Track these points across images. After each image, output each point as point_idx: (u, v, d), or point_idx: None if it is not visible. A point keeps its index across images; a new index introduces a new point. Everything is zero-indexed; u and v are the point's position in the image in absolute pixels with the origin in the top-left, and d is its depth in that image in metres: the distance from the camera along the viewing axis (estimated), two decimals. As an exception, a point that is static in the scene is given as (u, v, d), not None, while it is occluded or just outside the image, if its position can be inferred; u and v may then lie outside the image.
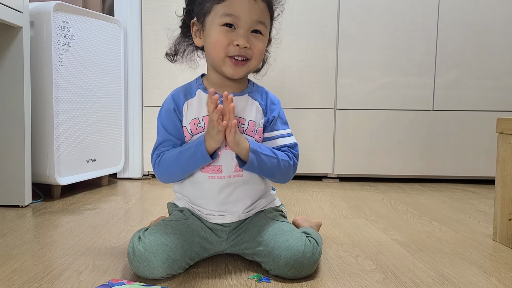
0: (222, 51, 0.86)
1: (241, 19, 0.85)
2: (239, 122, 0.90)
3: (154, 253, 0.82)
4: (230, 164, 0.89)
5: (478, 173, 2.05)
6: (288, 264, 0.82)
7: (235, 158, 0.88)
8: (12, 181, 1.42)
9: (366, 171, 2.07)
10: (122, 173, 2.05)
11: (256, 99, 0.94)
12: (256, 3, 0.86)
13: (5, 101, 1.41)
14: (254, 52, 0.87)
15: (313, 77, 2.03)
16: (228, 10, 0.85)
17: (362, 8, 2.01)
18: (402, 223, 1.32)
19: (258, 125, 0.92)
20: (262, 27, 0.88)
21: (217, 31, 0.86)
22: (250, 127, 0.91)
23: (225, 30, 0.85)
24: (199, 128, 0.90)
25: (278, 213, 0.95)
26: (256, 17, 0.86)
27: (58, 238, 1.12)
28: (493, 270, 0.93)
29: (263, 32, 0.88)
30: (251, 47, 0.86)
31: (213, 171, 0.89)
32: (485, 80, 2.03)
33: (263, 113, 0.93)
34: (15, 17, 1.35)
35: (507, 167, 1.11)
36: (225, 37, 0.85)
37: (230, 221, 0.93)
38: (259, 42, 0.88)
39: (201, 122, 0.90)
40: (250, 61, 0.88)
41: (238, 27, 0.85)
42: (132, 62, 2.01)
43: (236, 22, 0.85)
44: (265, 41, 0.90)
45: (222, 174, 0.89)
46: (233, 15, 0.84)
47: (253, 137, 0.91)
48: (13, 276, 0.85)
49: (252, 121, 0.92)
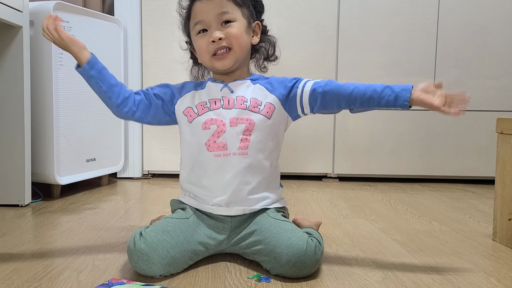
0: (206, 54, 0.96)
1: (206, 20, 0.94)
2: (241, 100, 0.95)
3: (154, 248, 0.83)
4: (235, 141, 0.93)
5: (478, 173, 2.05)
6: (290, 263, 0.83)
7: None
8: (12, 181, 1.42)
9: (366, 171, 2.07)
10: (122, 172, 2.05)
11: (258, 82, 0.99)
12: (212, 2, 0.94)
13: (5, 100, 1.41)
14: (231, 39, 0.94)
15: (313, 77, 2.02)
16: (195, 19, 0.96)
17: (362, 8, 2.01)
18: (402, 223, 1.32)
19: (265, 102, 0.96)
20: (228, 15, 0.94)
21: (197, 40, 0.97)
22: (253, 104, 0.95)
23: (201, 36, 0.96)
24: (204, 108, 0.96)
25: (279, 214, 0.96)
26: (216, 11, 0.93)
27: (58, 238, 1.12)
28: (493, 270, 0.93)
29: (232, 18, 0.94)
30: (226, 36, 0.93)
31: (219, 148, 0.92)
32: (485, 80, 2.03)
33: (269, 91, 0.97)
34: (15, 16, 1.35)
35: (507, 167, 1.11)
36: (203, 41, 0.95)
37: (235, 214, 0.93)
38: (231, 28, 0.94)
39: (208, 103, 0.96)
40: (232, 49, 0.95)
41: (209, 28, 0.95)
42: (132, 61, 2.01)
43: (206, 25, 0.95)
44: (239, 26, 0.95)
45: (227, 151, 0.92)
46: (199, 21, 0.95)
47: (258, 113, 0.94)
48: (13, 275, 0.85)
49: (254, 99, 0.95)
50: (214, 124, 0.93)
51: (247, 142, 0.92)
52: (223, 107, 0.94)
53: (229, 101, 0.95)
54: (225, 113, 0.94)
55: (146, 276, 0.84)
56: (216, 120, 0.93)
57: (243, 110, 0.94)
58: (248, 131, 0.93)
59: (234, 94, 0.96)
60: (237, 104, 0.94)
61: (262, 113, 0.94)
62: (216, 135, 0.93)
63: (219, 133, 0.93)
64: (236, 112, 0.93)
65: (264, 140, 0.94)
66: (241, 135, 0.92)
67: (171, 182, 1.98)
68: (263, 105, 0.95)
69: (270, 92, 0.97)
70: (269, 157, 0.96)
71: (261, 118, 0.94)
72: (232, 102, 0.95)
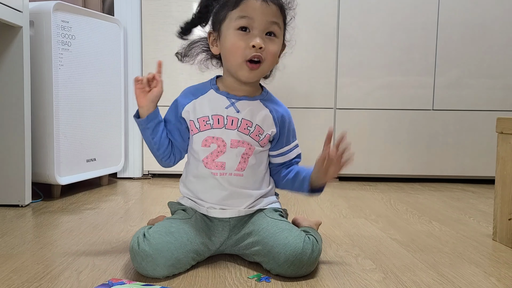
0: (240, 55, 0.88)
1: (255, 20, 0.87)
2: (246, 124, 0.93)
3: (159, 250, 0.83)
4: (234, 162, 0.93)
5: (477, 172, 2.05)
6: (288, 261, 0.83)
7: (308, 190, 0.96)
8: (12, 181, 1.42)
9: (366, 170, 2.07)
10: (122, 172, 2.05)
11: (267, 107, 0.96)
12: (269, 6, 0.87)
13: (5, 100, 1.41)
14: (267, 54, 0.88)
15: (313, 77, 2.04)
16: (242, 13, 0.87)
17: (362, 8, 2.01)
18: (402, 222, 1.32)
19: (266, 132, 0.95)
20: (276, 28, 0.89)
21: (233, 35, 0.88)
22: (256, 131, 0.93)
23: (240, 33, 0.88)
24: (207, 125, 0.93)
25: (277, 213, 0.96)
26: (269, 18, 0.87)
27: (58, 238, 1.12)
28: (493, 269, 0.93)
29: (277, 34, 0.90)
30: (265, 49, 0.87)
31: (217, 167, 0.92)
32: (485, 80, 2.03)
33: (274, 124, 0.96)
34: (15, 16, 1.35)
35: (507, 166, 1.11)
36: (241, 40, 0.87)
37: (230, 216, 0.94)
38: (273, 44, 0.89)
39: (210, 120, 0.93)
40: (263, 64, 0.89)
41: (253, 29, 0.87)
42: (132, 61, 2.01)
43: (251, 24, 0.87)
44: (279, 45, 0.91)
45: (224, 171, 0.92)
46: (247, 17, 0.87)
47: (257, 142, 0.94)
48: (13, 275, 0.85)
49: (259, 126, 0.94)
50: (215, 144, 0.93)
51: (245, 164, 0.93)
52: (226, 127, 0.93)
53: (232, 121, 0.93)
54: (227, 134, 0.93)
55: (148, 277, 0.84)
56: (217, 140, 0.93)
57: (245, 135, 0.93)
58: (247, 154, 0.94)
59: (239, 115, 0.93)
60: (241, 127, 0.93)
61: (261, 143, 0.95)
62: (215, 154, 0.93)
63: (218, 152, 0.93)
64: (238, 135, 0.93)
65: (258, 163, 0.96)
66: (240, 157, 0.93)
67: (171, 182, 1.98)
68: (264, 134, 0.95)
69: (274, 123, 0.96)
70: (264, 176, 0.98)
71: (260, 147, 0.95)
72: (236, 123, 0.93)
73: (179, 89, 1.01)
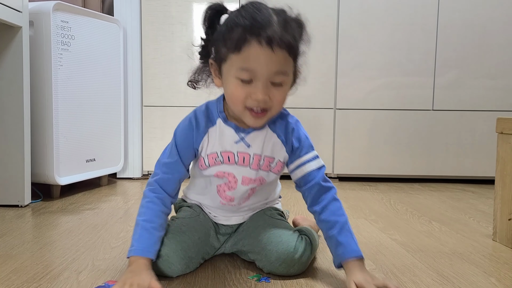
0: (240, 105, 0.80)
1: (258, 72, 0.76)
2: (258, 160, 0.88)
3: (174, 249, 0.84)
4: (243, 195, 0.92)
5: (477, 173, 2.05)
6: (279, 259, 0.84)
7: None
8: (11, 181, 1.42)
9: (366, 171, 2.07)
10: (122, 173, 2.05)
11: (275, 131, 0.88)
12: (275, 55, 0.76)
13: (5, 101, 1.41)
14: (273, 102, 0.79)
15: (313, 77, 2.03)
16: (244, 64, 0.77)
17: (362, 8, 2.01)
18: (401, 223, 1.32)
19: (277, 159, 0.89)
20: (283, 77, 0.79)
21: (234, 85, 0.79)
22: (266, 163, 0.89)
23: (242, 84, 0.78)
24: (217, 161, 0.88)
25: (276, 212, 0.97)
26: (274, 68, 0.77)
27: (58, 238, 1.11)
28: (493, 270, 0.93)
29: (284, 82, 0.80)
30: (270, 98, 0.78)
31: (226, 199, 0.93)
32: (485, 80, 2.03)
33: (284, 147, 0.89)
34: (14, 17, 1.35)
35: (507, 167, 1.11)
36: (242, 91, 0.78)
37: (235, 223, 0.96)
38: (279, 93, 0.80)
39: (219, 157, 0.88)
40: (270, 111, 0.81)
41: (256, 80, 0.77)
42: (131, 62, 2.01)
43: (254, 76, 0.77)
44: (286, 89, 0.82)
45: (233, 203, 0.93)
46: (249, 70, 0.76)
47: (268, 172, 0.90)
48: (12, 276, 0.85)
49: (267, 157, 0.88)
50: (226, 178, 0.89)
51: (252, 192, 0.93)
52: (238, 164, 0.88)
53: (244, 158, 0.87)
54: (238, 171, 0.88)
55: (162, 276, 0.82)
56: (229, 175, 0.89)
57: (257, 171, 0.89)
58: (257, 187, 0.92)
59: (250, 150, 0.87)
60: (253, 164, 0.88)
61: (273, 171, 0.91)
62: (227, 187, 0.91)
63: (229, 188, 0.90)
64: (250, 172, 0.88)
65: (268, 184, 0.94)
66: (249, 191, 0.92)
67: (171, 182, 1.98)
68: (275, 162, 0.89)
69: (283, 146, 0.89)
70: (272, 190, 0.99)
71: (272, 176, 0.92)
72: (248, 160, 0.87)
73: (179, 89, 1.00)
